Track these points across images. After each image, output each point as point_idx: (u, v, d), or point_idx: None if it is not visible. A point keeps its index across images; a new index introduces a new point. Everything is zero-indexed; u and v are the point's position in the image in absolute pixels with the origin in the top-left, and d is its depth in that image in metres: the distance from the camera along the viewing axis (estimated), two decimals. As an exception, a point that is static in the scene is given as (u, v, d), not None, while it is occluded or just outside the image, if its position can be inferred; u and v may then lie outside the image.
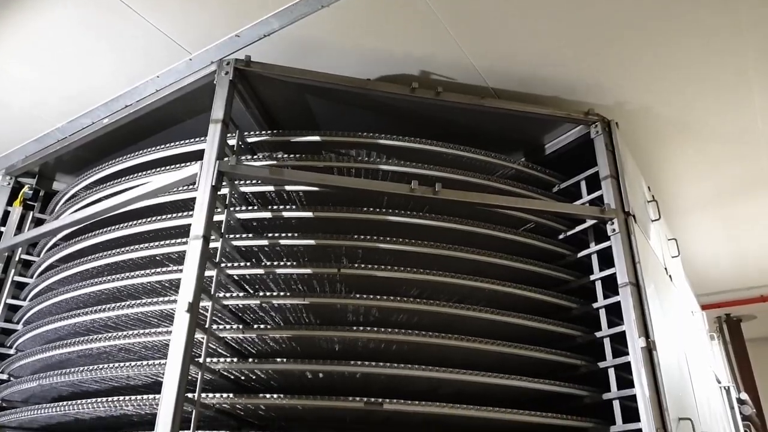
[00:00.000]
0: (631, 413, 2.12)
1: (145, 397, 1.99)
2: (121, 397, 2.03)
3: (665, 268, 2.88)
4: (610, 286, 2.35)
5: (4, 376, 2.68)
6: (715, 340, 5.19)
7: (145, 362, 2.05)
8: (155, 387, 2.17)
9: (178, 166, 2.29)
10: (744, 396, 4.79)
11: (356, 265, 2.11)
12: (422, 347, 2.08)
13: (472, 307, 2.14)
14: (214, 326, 2.01)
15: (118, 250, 2.31)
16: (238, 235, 2.16)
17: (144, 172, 2.43)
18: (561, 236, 2.63)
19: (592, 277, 2.42)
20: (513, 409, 2.05)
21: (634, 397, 2.10)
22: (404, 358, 2.05)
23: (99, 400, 2.08)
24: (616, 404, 2.17)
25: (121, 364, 2.09)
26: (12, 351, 2.73)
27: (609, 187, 2.44)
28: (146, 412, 2.13)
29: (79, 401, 2.13)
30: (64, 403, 2.17)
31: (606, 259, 2.41)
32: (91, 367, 2.15)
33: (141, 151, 2.55)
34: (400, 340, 2.03)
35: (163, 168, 2.38)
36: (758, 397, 6.02)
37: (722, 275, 5.53)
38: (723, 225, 4.55)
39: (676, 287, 3.07)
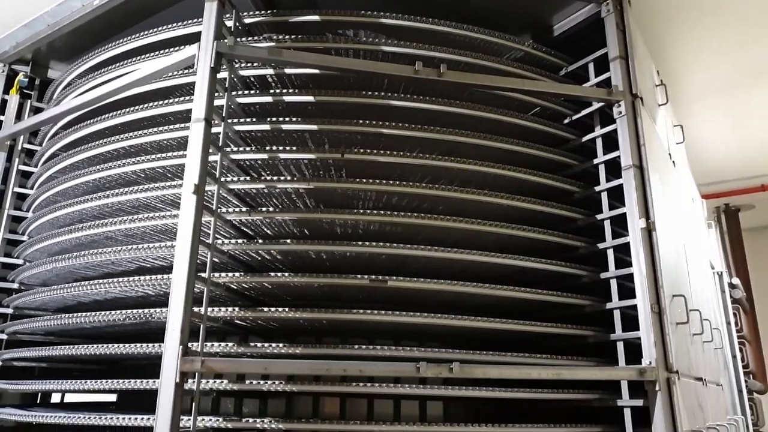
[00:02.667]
0: (626, 292, 2.20)
1: (129, 279, 2.09)
2: (107, 280, 2.15)
3: (669, 154, 2.87)
4: (613, 171, 2.35)
5: (20, 261, 2.77)
6: (712, 228, 5.29)
7: (135, 246, 2.13)
8: (140, 272, 2.27)
9: (174, 49, 2.22)
10: (735, 281, 4.95)
11: (359, 150, 2.10)
12: (424, 229, 2.13)
13: (474, 190, 2.15)
14: (221, 210, 2.04)
15: (119, 136, 2.30)
16: (240, 120, 2.14)
17: (140, 57, 2.37)
18: (566, 121, 2.61)
19: (595, 161, 2.42)
20: (516, 286, 2.13)
21: (631, 276, 2.17)
22: (407, 239, 2.10)
23: (88, 282, 2.19)
24: (613, 283, 2.24)
25: (123, 247, 2.16)
26: (25, 237, 2.80)
27: (617, 69, 2.38)
28: (131, 294, 2.25)
29: (67, 284, 2.27)
30: (57, 287, 2.31)
31: (610, 144, 2.40)
32: (81, 253, 2.25)
33: (135, 35, 2.46)
34: (403, 223, 2.07)
35: (158, 52, 2.32)
36: (749, 283, 6.23)
37: (725, 164, 5.53)
38: (730, 113, 4.49)
39: (679, 173, 3.08)
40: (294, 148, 2.10)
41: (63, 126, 2.75)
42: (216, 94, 1.96)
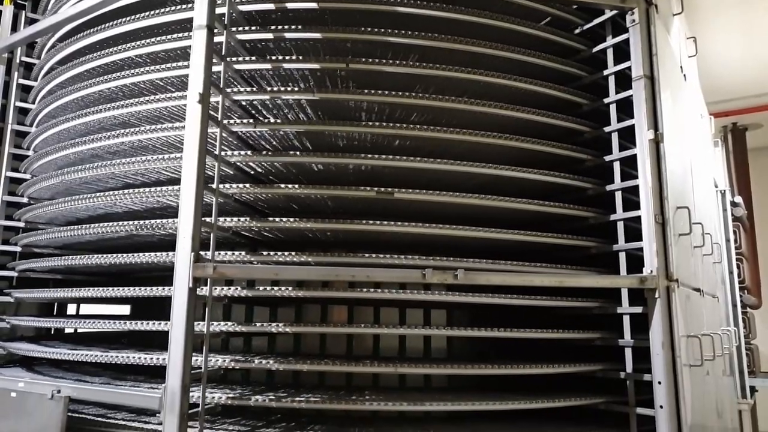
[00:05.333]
0: (630, 206, 2.22)
1: (112, 193, 2.16)
2: (94, 194, 2.22)
3: (681, 67, 2.81)
4: (623, 84, 2.31)
5: (27, 176, 2.78)
6: (718, 147, 5.25)
7: (112, 161, 2.18)
8: (124, 188, 2.28)
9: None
10: (738, 199, 4.96)
11: (364, 60, 2.06)
12: (429, 141, 2.12)
13: (478, 101, 2.12)
14: (226, 121, 2.02)
15: (122, 47, 2.25)
16: (242, 28, 2.09)
17: (136, -38, 2.28)
18: (577, 31, 2.53)
19: (605, 72, 2.37)
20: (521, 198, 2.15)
21: (635, 189, 2.17)
22: (411, 152, 2.10)
23: (71, 198, 2.29)
24: (618, 195, 2.25)
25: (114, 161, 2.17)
26: (30, 152, 2.80)
27: (632, -26, 2.29)
28: (117, 211, 2.34)
29: (57, 200, 2.37)
30: (48, 201, 2.42)
31: (621, 56, 2.34)
32: (68, 170, 2.30)
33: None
34: (407, 135, 2.06)
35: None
36: (751, 202, 6.25)
37: (736, 81, 5.42)
38: (745, 27, 4.35)
39: (689, 88, 3.03)
40: (299, 57, 2.06)
41: (59, 38, 2.68)
42: (217, 2, 1.90)
